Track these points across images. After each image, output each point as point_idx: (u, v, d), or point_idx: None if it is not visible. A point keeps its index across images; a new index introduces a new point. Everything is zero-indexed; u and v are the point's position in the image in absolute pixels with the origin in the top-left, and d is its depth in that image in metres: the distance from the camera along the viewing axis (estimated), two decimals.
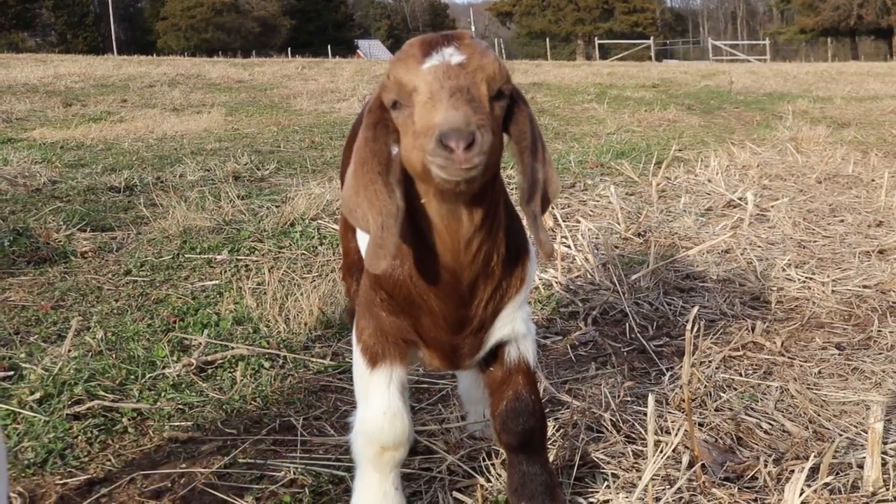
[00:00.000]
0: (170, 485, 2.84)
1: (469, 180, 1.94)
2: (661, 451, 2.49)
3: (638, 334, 4.16)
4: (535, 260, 2.47)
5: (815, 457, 2.72)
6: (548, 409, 3.25)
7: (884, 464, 2.82)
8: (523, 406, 2.47)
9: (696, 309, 2.91)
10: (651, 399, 2.56)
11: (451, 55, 1.98)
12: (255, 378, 3.61)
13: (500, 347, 2.47)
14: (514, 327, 2.42)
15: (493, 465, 2.87)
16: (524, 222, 2.28)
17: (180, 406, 3.38)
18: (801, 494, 2.52)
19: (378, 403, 2.38)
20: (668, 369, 3.76)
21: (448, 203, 2.10)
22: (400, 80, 2.00)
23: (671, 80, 23.70)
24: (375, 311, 2.39)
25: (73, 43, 55.67)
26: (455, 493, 2.74)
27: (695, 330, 2.74)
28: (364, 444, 2.41)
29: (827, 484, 2.71)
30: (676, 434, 2.67)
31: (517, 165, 2.18)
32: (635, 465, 2.88)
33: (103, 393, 3.44)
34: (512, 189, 4.02)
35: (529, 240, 2.39)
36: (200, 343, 3.90)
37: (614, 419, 3.18)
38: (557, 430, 3.10)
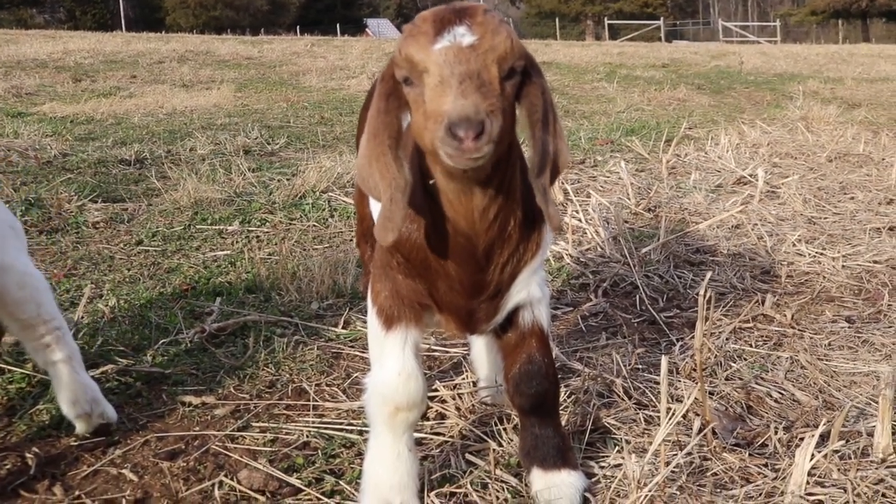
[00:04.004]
0: (183, 447, 2.87)
1: (478, 169, 1.96)
2: (672, 417, 2.51)
3: (648, 306, 4.16)
4: None
5: (825, 424, 2.73)
6: (559, 377, 3.26)
7: (894, 432, 2.83)
8: (536, 369, 2.48)
9: (709, 274, 2.92)
10: (664, 361, 2.57)
11: (463, 35, 1.96)
12: (268, 345, 3.63)
13: (514, 311, 2.47)
14: (530, 291, 2.43)
15: (504, 429, 2.89)
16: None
17: (193, 371, 3.40)
18: (811, 459, 2.54)
19: (393, 364, 2.39)
20: (678, 340, 3.77)
21: (458, 181, 2.11)
22: (411, 58, 1.99)
23: (681, 61, 23.61)
24: (391, 273, 2.40)
25: (82, 20, 55.51)
26: (467, 456, 2.76)
27: (706, 296, 2.74)
28: (378, 404, 2.42)
29: (837, 450, 2.72)
30: (688, 399, 2.67)
31: (528, 138, 2.18)
32: (646, 431, 2.90)
33: (117, 357, 3.46)
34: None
35: None
36: (213, 310, 3.92)
37: (626, 386, 3.19)
38: (569, 397, 3.12)
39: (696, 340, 2.73)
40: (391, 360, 2.41)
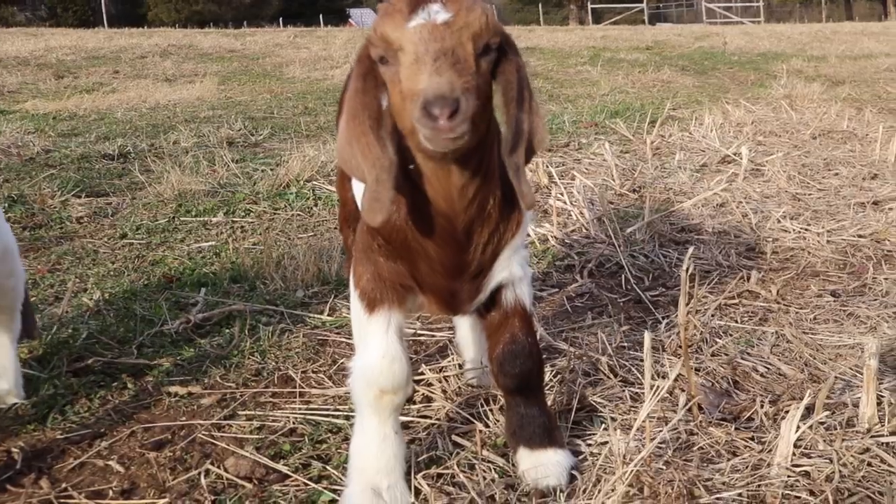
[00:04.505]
0: (170, 437, 2.86)
1: (456, 150, 1.95)
2: (657, 392, 2.51)
3: (634, 285, 4.17)
4: None
5: (810, 396, 2.73)
6: (545, 356, 3.26)
7: (879, 403, 2.84)
8: (520, 348, 2.48)
9: (690, 249, 2.91)
10: (647, 337, 2.57)
11: (437, 13, 1.95)
12: (253, 333, 3.62)
13: (497, 291, 2.47)
14: (512, 271, 2.43)
15: (491, 410, 2.89)
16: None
17: (179, 362, 3.40)
18: (796, 431, 2.54)
19: (376, 347, 2.39)
20: (664, 318, 3.77)
21: (436, 161, 2.10)
22: (386, 36, 1.98)
23: (665, 43, 23.60)
24: (373, 256, 2.39)
25: (63, 17, 55.16)
26: (454, 438, 2.76)
27: (689, 271, 2.74)
28: (363, 387, 2.41)
29: (822, 422, 2.73)
30: (672, 374, 2.67)
31: (503, 115, 2.17)
32: (633, 408, 2.90)
33: (102, 350, 3.45)
34: None
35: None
36: (198, 301, 3.91)
37: (611, 364, 3.20)
38: (555, 376, 3.12)
39: (680, 316, 2.73)
40: (375, 343, 2.40)
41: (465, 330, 3.12)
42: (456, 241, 2.26)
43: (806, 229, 5.02)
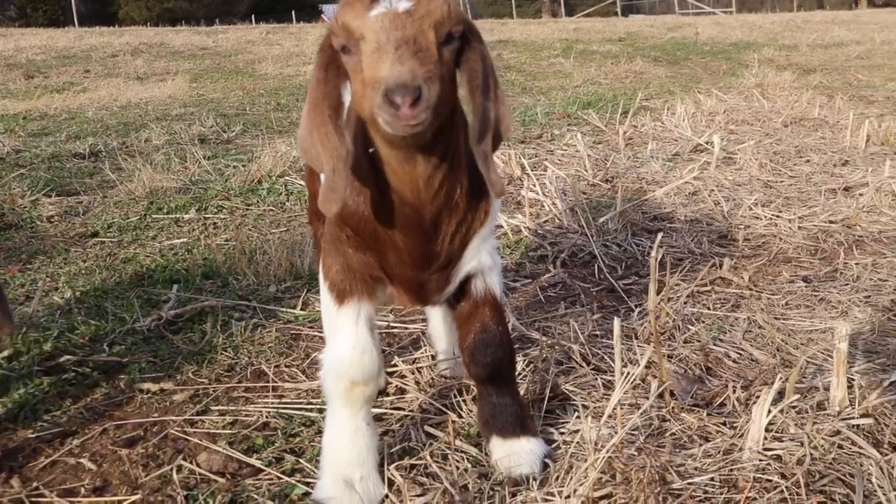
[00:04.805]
0: (142, 433, 2.84)
1: (416, 135, 1.94)
2: (628, 379, 2.51)
3: (607, 274, 4.17)
4: None
5: (781, 380, 2.75)
6: (518, 346, 3.27)
7: (850, 386, 2.85)
8: (491, 337, 2.48)
9: (659, 236, 2.92)
10: (617, 324, 2.57)
11: (399, 1, 1.94)
12: (226, 329, 3.60)
13: (466, 281, 2.47)
14: (481, 260, 2.43)
15: (464, 401, 2.89)
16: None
17: (151, 359, 3.38)
18: (768, 415, 2.55)
19: (347, 339, 2.38)
20: (636, 306, 3.78)
21: (400, 150, 2.10)
22: (348, 25, 1.97)
23: (637, 34, 23.65)
24: (342, 248, 2.38)
25: (34, 17, 54.68)
26: (427, 429, 2.76)
27: (659, 258, 2.75)
28: (334, 379, 2.40)
29: (794, 406, 2.74)
30: (643, 360, 2.68)
31: (469, 104, 2.17)
32: (605, 396, 2.90)
33: (73, 349, 3.43)
34: None
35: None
36: (170, 298, 3.89)
37: (583, 352, 3.20)
38: (527, 365, 3.12)
39: (651, 303, 2.73)
40: (345, 334, 2.39)
41: (437, 321, 3.12)
42: (423, 230, 2.26)
43: (777, 216, 5.04)
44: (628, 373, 2.52)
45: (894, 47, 17.68)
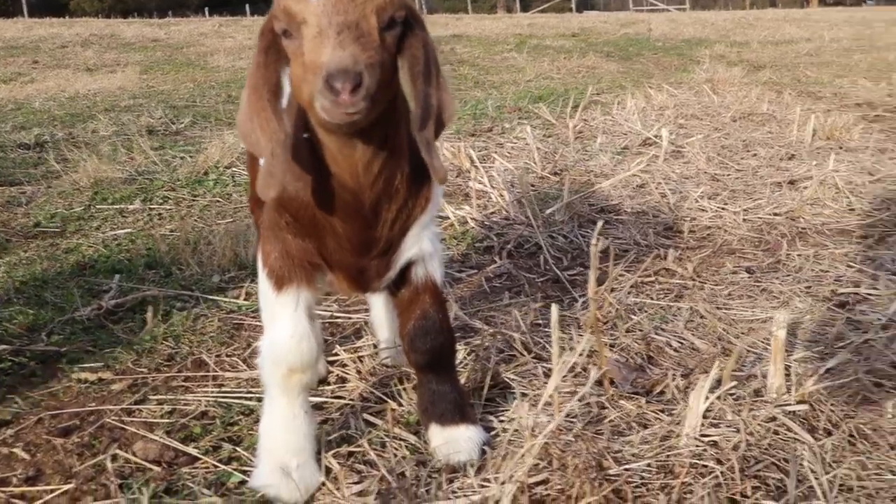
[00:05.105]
0: (78, 423, 2.80)
1: (353, 123, 1.93)
2: (566, 365, 2.52)
3: (552, 265, 4.18)
4: None
5: (719, 368, 2.76)
6: (460, 335, 3.27)
7: (787, 374, 2.88)
8: (431, 324, 2.48)
9: (599, 223, 2.92)
10: (554, 309, 2.57)
11: None
12: (167, 319, 3.57)
13: (407, 268, 2.46)
14: (422, 247, 2.42)
15: (404, 389, 2.88)
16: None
17: (90, 348, 3.34)
18: (705, 402, 2.57)
19: (285, 326, 2.36)
20: (581, 296, 3.79)
21: (340, 137, 2.09)
22: (289, 9, 1.96)
23: (591, 30, 23.75)
24: (281, 234, 2.36)
25: None
26: (366, 417, 2.75)
27: (599, 245, 2.75)
28: (272, 367, 2.38)
29: (732, 393, 2.76)
30: (579, 347, 2.68)
31: (410, 91, 2.16)
32: (546, 384, 2.89)
33: (10, 338, 3.38)
34: None
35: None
36: (111, 287, 3.84)
37: (525, 341, 3.20)
38: (469, 354, 3.12)
39: (590, 289, 2.74)
40: (283, 321, 2.37)
41: (379, 310, 3.11)
42: (363, 217, 2.25)
43: (723, 208, 5.08)
44: (565, 360, 2.52)
45: (843, 45, 17.90)
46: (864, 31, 22.27)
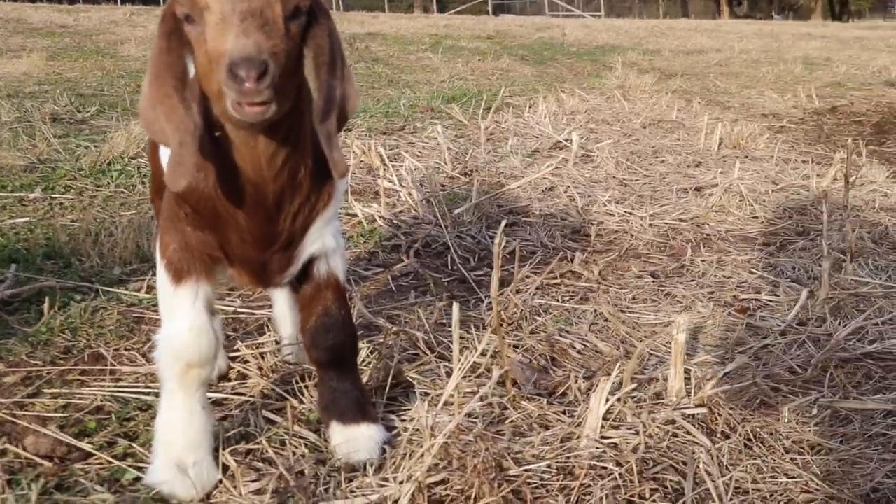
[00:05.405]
0: None
1: (264, 121, 1.91)
2: (466, 363, 2.51)
3: (459, 265, 4.18)
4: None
5: (620, 370, 2.79)
6: (364, 333, 3.24)
7: (687, 378, 2.91)
8: (332, 321, 2.45)
9: (503, 223, 2.93)
10: (455, 307, 2.57)
11: None
12: (65, 311, 3.47)
13: (309, 263, 2.44)
14: (324, 242, 2.40)
15: (306, 387, 2.85)
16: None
17: None
18: (605, 403, 2.58)
19: (183, 320, 2.31)
20: (486, 297, 3.79)
21: (243, 129, 2.06)
22: None
23: (506, 33, 23.82)
24: (180, 226, 2.31)
25: None
26: (266, 414, 2.71)
27: (511, 248, 2.76)
28: (169, 361, 2.33)
29: (633, 395, 2.78)
30: (480, 347, 2.68)
31: (314, 82, 2.14)
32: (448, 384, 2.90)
33: None
34: None
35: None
36: (6, 277, 3.74)
37: (428, 340, 3.20)
38: (371, 353, 3.10)
39: (493, 289, 2.74)
40: (181, 315, 2.32)
41: (282, 306, 3.07)
42: (266, 210, 2.21)
43: (630, 213, 5.14)
44: (465, 358, 2.52)
45: (752, 56, 18.25)
46: (772, 43, 22.72)
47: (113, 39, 16.61)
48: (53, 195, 5.16)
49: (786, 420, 2.81)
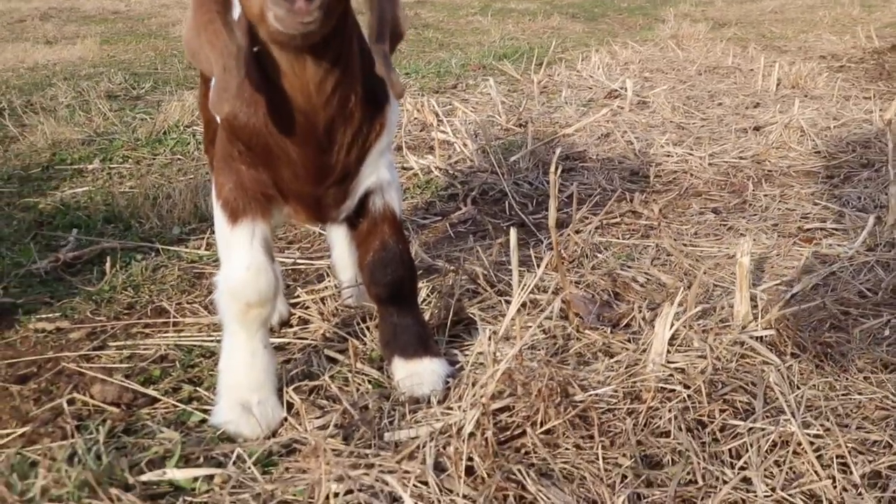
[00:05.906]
0: (36, 370, 2.74)
1: (307, 34, 1.88)
2: (529, 288, 2.48)
3: (518, 210, 4.14)
4: (397, 106, 2.41)
5: (684, 295, 2.74)
6: (422, 274, 3.23)
7: (754, 304, 2.85)
8: (391, 256, 2.44)
9: (558, 151, 2.88)
10: (513, 232, 2.54)
11: None
12: (126, 270, 3.49)
13: (365, 198, 2.42)
14: (379, 175, 2.38)
15: (367, 328, 2.84)
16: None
17: (48, 300, 3.26)
18: (671, 328, 2.54)
19: (241, 259, 2.31)
20: (546, 238, 3.75)
21: (290, 51, 2.02)
22: None
23: None
24: (234, 165, 2.30)
25: None
26: (329, 353, 2.70)
27: (559, 171, 2.71)
28: (229, 301, 2.33)
29: (698, 322, 2.74)
30: (541, 272, 2.65)
31: (366, 3, 2.11)
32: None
33: None
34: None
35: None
36: (69, 241, 3.77)
37: (488, 276, 3.17)
38: (432, 292, 3.08)
39: (551, 218, 2.70)
40: (239, 255, 2.32)
41: (342, 250, 3.05)
42: (317, 140, 2.19)
43: (689, 154, 5.05)
44: (524, 282, 2.48)
45: (808, 2, 17.87)
46: None
47: (164, 21, 16.69)
48: (112, 165, 5.20)
49: (857, 340, 2.74)
